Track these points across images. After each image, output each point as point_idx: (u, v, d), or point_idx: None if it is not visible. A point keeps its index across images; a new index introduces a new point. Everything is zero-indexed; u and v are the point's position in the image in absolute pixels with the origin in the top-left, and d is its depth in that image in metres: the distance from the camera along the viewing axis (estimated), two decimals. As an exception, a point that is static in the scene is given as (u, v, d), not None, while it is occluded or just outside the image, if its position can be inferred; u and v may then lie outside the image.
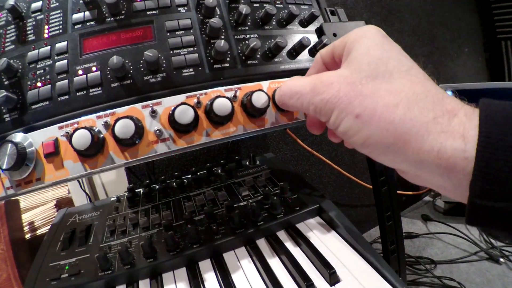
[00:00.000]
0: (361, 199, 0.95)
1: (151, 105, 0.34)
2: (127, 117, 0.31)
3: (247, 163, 0.62)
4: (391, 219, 0.48)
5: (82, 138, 0.30)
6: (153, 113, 0.33)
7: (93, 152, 0.31)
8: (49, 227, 0.65)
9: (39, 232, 0.62)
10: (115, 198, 0.55)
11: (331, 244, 0.41)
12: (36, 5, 0.38)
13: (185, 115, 0.32)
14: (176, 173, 0.58)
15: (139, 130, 0.32)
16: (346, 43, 0.25)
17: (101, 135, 0.32)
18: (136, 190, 0.56)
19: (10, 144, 0.30)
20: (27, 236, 0.60)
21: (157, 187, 0.57)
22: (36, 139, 0.32)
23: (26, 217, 0.63)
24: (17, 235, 0.57)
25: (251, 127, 0.36)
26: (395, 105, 0.20)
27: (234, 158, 0.61)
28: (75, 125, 0.32)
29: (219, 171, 0.59)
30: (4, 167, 0.29)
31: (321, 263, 0.37)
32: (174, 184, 0.57)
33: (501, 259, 0.74)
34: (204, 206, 0.50)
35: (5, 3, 0.37)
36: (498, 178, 0.16)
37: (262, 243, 0.44)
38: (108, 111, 0.33)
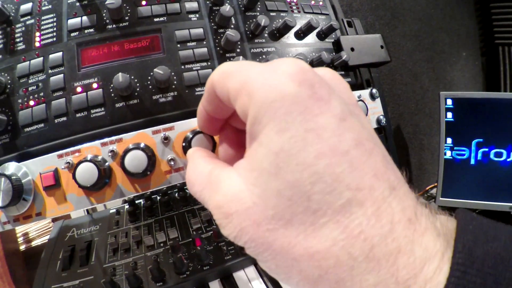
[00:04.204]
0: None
1: (162, 130, 0.30)
2: (137, 147, 0.28)
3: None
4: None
5: (87, 172, 0.27)
6: (166, 140, 0.30)
7: (100, 186, 0.28)
8: (44, 238, 0.62)
9: (33, 243, 0.59)
10: (114, 211, 0.53)
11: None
12: (25, 7, 0.33)
13: (203, 146, 0.29)
14: (178, 184, 0.55)
15: (152, 161, 0.29)
16: (249, 113, 0.14)
17: (107, 164, 0.29)
18: (136, 202, 0.53)
19: (3, 179, 0.26)
20: (22, 247, 0.57)
21: (158, 198, 0.54)
22: (32, 169, 0.29)
23: (19, 228, 0.59)
24: (11, 247, 0.54)
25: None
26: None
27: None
28: (77, 154, 0.29)
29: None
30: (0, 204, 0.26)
31: None
32: (177, 195, 0.54)
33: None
34: (211, 221, 0.48)
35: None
36: None
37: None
38: (113, 137, 0.30)
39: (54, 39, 0.33)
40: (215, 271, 0.41)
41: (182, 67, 0.33)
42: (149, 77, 0.32)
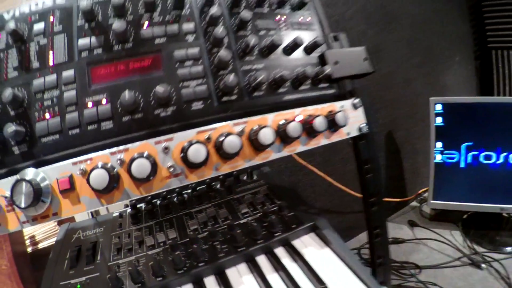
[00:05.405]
0: (351, 206, 1.00)
1: (163, 141, 0.35)
2: (142, 155, 0.32)
3: (245, 177, 0.64)
4: (379, 236, 0.52)
5: (99, 177, 0.31)
6: (166, 150, 0.34)
7: (109, 189, 0.32)
8: (50, 241, 0.66)
9: (40, 245, 0.63)
10: (117, 214, 0.56)
11: (324, 260, 0.45)
12: (38, 27, 0.37)
13: (198, 154, 0.33)
14: (176, 189, 0.59)
15: (154, 168, 0.33)
16: None
17: (116, 171, 0.33)
18: (138, 206, 0.57)
19: (24, 183, 0.30)
20: (29, 249, 0.61)
21: (158, 202, 0.58)
22: (49, 174, 0.33)
23: (27, 231, 0.63)
24: (19, 249, 0.57)
25: (257, 159, 0.38)
26: None
27: (232, 173, 0.62)
28: (89, 162, 0.33)
29: (218, 186, 0.61)
30: (22, 206, 0.30)
31: (314, 278, 0.41)
32: (175, 199, 0.58)
33: (483, 265, 0.75)
34: (206, 223, 0.52)
35: (5, 24, 0.36)
36: None
37: (261, 260, 0.47)
38: (121, 147, 0.34)
39: (66, 58, 0.37)
40: (210, 267, 0.44)
41: (180, 84, 0.37)
42: (151, 94, 0.36)
